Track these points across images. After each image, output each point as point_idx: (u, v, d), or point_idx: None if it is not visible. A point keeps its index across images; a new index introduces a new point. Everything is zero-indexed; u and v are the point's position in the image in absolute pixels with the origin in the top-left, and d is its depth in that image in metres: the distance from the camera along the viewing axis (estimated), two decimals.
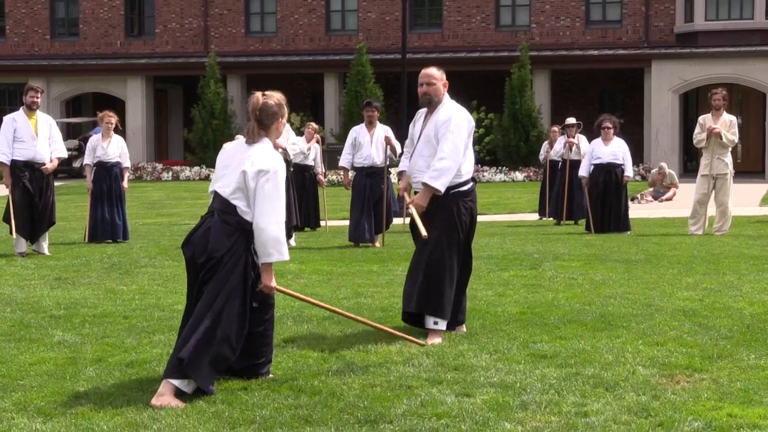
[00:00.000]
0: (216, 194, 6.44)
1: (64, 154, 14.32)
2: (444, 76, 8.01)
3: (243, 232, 6.33)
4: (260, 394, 6.21)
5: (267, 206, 6.26)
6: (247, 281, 6.38)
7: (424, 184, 7.74)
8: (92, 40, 41.74)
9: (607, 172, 17.75)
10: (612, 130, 17.76)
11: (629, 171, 17.93)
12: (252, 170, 6.29)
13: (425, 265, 7.81)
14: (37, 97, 13.91)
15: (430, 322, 7.81)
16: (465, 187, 7.91)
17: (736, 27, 35.22)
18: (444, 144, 7.73)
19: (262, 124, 6.48)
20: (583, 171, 18.07)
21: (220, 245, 6.29)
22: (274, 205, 6.27)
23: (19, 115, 13.91)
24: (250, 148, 6.43)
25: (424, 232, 7.63)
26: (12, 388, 6.44)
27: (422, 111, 8.17)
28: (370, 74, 36.18)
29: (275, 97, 6.51)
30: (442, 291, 7.76)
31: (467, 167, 7.91)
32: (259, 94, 6.54)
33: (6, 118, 13.96)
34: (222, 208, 6.38)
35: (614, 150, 17.77)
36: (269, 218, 6.26)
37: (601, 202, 17.71)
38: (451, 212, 7.81)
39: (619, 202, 17.76)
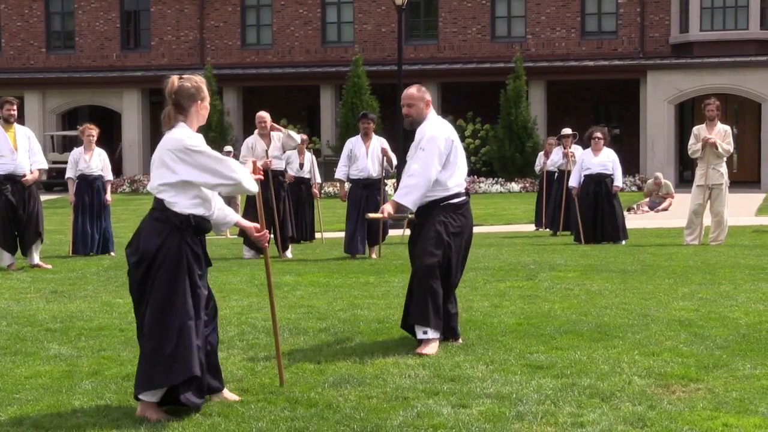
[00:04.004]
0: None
1: (45, 166, 14.31)
2: (426, 95, 7.99)
3: (174, 227, 6.02)
4: (256, 407, 6.21)
5: (219, 173, 5.99)
6: (192, 276, 6.05)
7: (393, 201, 7.83)
8: (88, 53, 41.78)
9: (597, 183, 17.81)
10: (602, 141, 17.83)
11: (618, 181, 17.99)
12: (169, 150, 5.99)
13: (412, 277, 7.90)
14: (14, 110, 13.87)
15: (419, 332, 7.77)
16: (455, 200, 7.92)
17: (731, 37, 35.33)
18: (414, 161, 7.80)
19: (180, 107, 6.11)
20: (573, 181, 18.13)
21: (150, 245, 6.00)
22: (221, 167, 6.00)
23: None
24: (166, 135, 6.11)
25: (373, 215, 8.19)
26: (8, 402, 6.43)
27: None
28: (366, 86, 36.23)
29: (193, 79, 6.19)
30: (426, 300, 7.74)
31: (455, 180, 7.91)
32: (174, 77, 6.19)
33: None
34: (153, 205, 6.13)
35: (603, 160, 17.83)
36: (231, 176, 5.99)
37: (592, 212, 17.75)
38: (438, 224, 7.81)
39: (613, 211, 17.80)
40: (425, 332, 7.75)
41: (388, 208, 7.82)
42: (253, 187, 6.22)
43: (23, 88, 39.87)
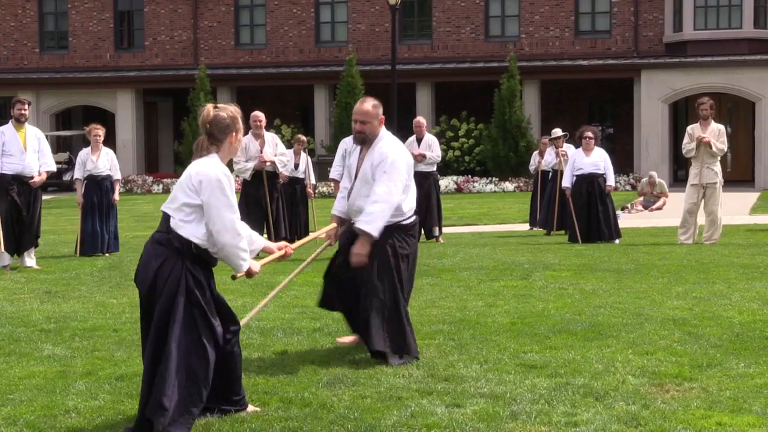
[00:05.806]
0: (163, 213, 5.95)
1: (53, 168, 14.26)
2: (380, 112, 7.68)
3: (174, 250, 5.76)
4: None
5: (214, 215, 5.78)
6: (200, 304, 5.85)
7: (360, 231, 7.46)
8: (82, 53, 41.71)
9: (590, 182, 17.80)
10: (593, 141, 17.82)
11: (611, 180, 17.98)
12: (192, 179, 5.81)
13: (380, 304, 7.47)
14: (25, 110, 13.85)
15: (395, 359, 7.39)
16: (406, 222, 7.62)
17: (724, 36, 35.35)
18: (377, 186, 7.48)
19: (214, 138, 5.92)
20: (566, 182, 18.13)
21: (148, 270, 5.77)
22: (221, 213, 5.78)
23: (8, 128, 13.85)
24: (203, 161, 5.92)
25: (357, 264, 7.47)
26: (1, 403, 6.43)
27: None
28: (360, 86, 36.17)
29: (229, 109, 6.01)
30: (403, 328, 7.46)
31: (408, 204, 7.62)
32: (210, 106, 6.03)
33: None
34: (160, 228, 5.89)
35: (595, 160, 17.82)
36: (222, 230, 5.81)
37: (586, 212, 17.75)
38: (388, 246, 7.49)
39: (607, 210, 17.81)
40: (401, 357, 7.41)
41: (360, 250, 7.43)
42: (244, 268, 6.14)
43: (16, 89, 39.70)
